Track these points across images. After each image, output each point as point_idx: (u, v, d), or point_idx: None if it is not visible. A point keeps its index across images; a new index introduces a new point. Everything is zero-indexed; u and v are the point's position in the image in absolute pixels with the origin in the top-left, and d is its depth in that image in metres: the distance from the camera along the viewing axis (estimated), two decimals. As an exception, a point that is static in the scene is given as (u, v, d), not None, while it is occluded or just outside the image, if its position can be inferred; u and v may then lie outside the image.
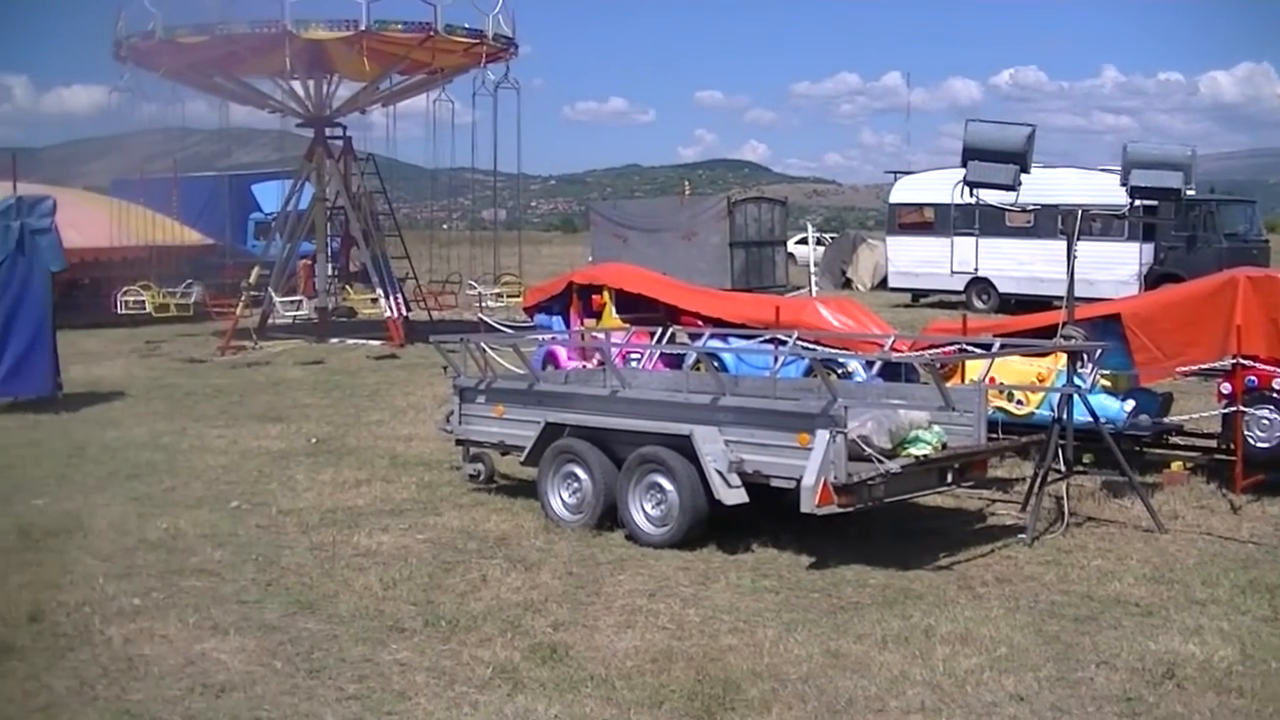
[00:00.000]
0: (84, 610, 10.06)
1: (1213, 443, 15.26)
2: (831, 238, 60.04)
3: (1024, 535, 12.12)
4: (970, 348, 14.84)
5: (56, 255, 20.73)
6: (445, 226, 45.21)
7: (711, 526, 11.83)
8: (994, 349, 14.13)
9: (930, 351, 14.96)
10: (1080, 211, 13.89)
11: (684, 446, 11.77)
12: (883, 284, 46.30)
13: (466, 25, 31.51)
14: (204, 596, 10.48)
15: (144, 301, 33.23)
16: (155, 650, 9.20)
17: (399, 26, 30.46)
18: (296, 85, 33.53)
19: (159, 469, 15.85)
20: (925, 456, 11.59)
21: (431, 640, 9.36)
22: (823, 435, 10.88)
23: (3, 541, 12.25)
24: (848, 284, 51.00)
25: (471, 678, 8.60)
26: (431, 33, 30.53)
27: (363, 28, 29.65)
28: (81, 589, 10.63)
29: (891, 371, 15.13)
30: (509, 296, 32.20)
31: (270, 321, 33.06)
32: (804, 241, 53.09)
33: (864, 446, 11.12)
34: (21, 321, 20.33)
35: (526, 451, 13.18)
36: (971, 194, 13.78)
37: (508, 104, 34.35)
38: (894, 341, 15.72)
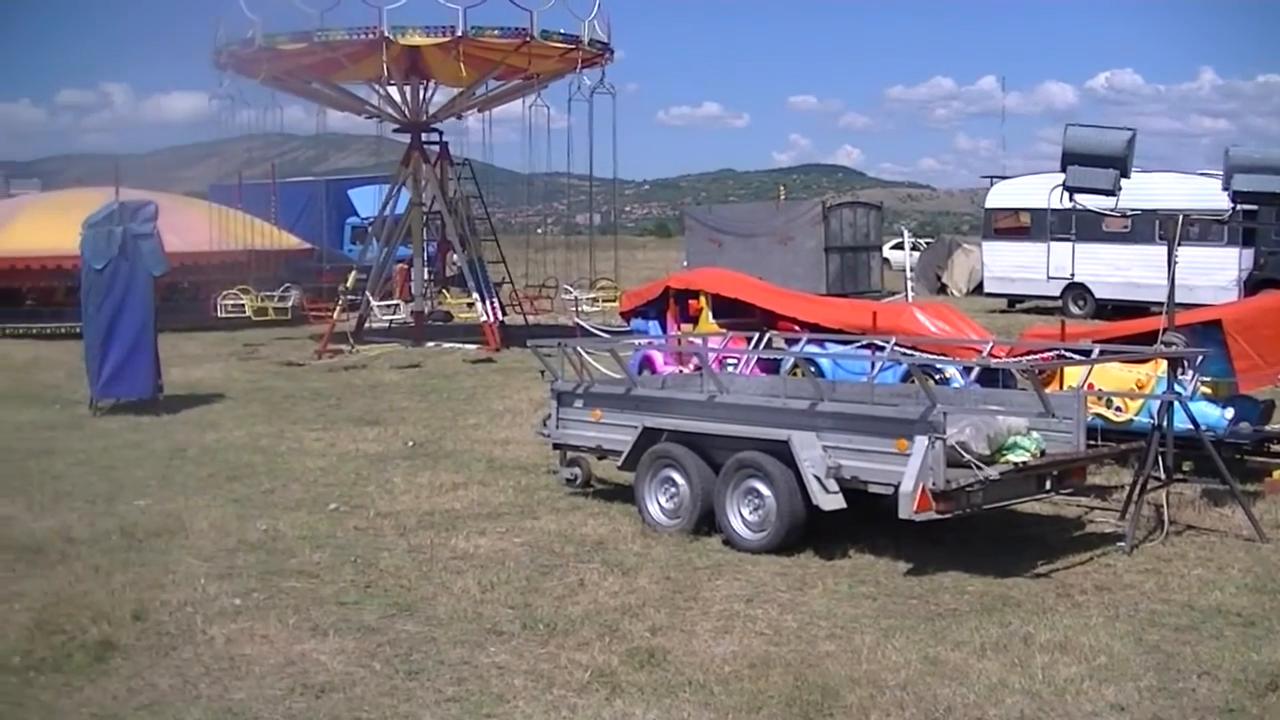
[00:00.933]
0: (186, 610, 10.17)
1: (1315, 451, 15.07)
2: (926, 243, 59.70)
3: (1123, 543, 11.99)
4: (1069, 354, 14.73)
5: (158, 259, 20.97)
6: (540, 231, 45.37)
7: (808, 532, 11.80)
8: (1093, 355, 14.02)
9: (1028, 357, 14.86)
10: (1181, 216, 13.73)
11: (782, 452, 11.73)
12: (978, 289, 46.03)
13: (562, 31, 31.56)
14: (303, 597, 10.56)
15: (243, 305, 33.51)
16: (256, 650, 9.29)
17: (495, 32, 30.57)
18: (393, 91, 33.75)
19: (258, 471, 16.00)
20: (1024, 463, 11.50)
21: (529, 643, 9.39)
22: (921, 441, 10.83)
23: (107, 541, 12.39)
24: (943, 289, 50.74)
25: (569, 681, 8.61)
26: (527, 38, 30.61)
27: (460, 33, 29.76)
28: (183, 589, 10.74)
29: (989, 377, 15.04)
30: (605, 301, 32.23)
31: (367, 325, 33.28)
32: (899, 246, 52.92)
33: (962, 453, 11.05)
34: (124, 325, 20.61)
35: (624, 456, 13.19)
36: (1070, 199, 13.65)
37: (603, 109, 34.37)
38: (992, 347, 15.62)
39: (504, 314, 33.53)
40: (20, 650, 9.21)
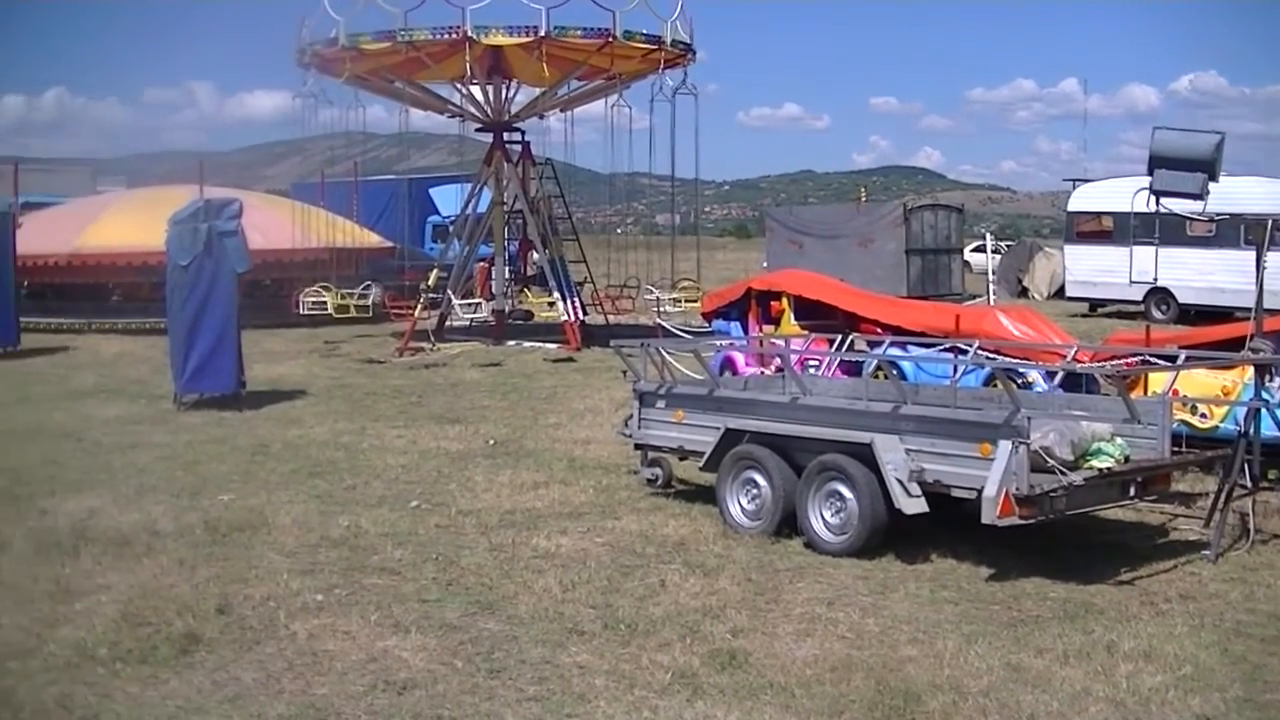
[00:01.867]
0: (269, 604, 10.25)
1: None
2: (1007, 246, 59.33)
3: (1208, 552, 11.85)
4: (1154, 359, 14.60)
5: (242, 256, 21.13)
6: (619, 231, 45.37)
7: (889, 535, 11.74)
8: (1178, 360, 13.88)
9: (1113, 362, 14.73)
10: (1270, 221, 13.57)
11: (864, 455, 11.69)
12: (1059, 293, 45.65)
13: (645, 31, 31.49)
14: (385, 594, 10.61)
15: (325, 302, 33.66)
16: (338, 646, 9.33)
17: (578, 32, 30.55)
18: (476, 90, 33.84)
19: (340, 467, 16.09)
20: (1108, 469, 11.39)
21: (610, 644, 9.39)
22: (1005, 446, 10.75)
23: (191, 535, 12.51)
24: (1024, 292, 50.39)
25: (651, 682, 8.60)
26: (610, 39, 30.59)
27: (542, 34, 29.78)
28: (267, 584, 10.82)
29: (1072, 382, 14.93)
30: (686, 301, 32.18)
31: (448, 323, 33.41)
32: (980, 249, 52.56)
33: (1046, 458, 10.97)
34: (208, 321, 20.78)
35: (706, 457, 13.18)
36: (1157, 203, 13.51)
37: (683, 109, 34.29)
38: (1076, 352, 15.49)
39: (585, 313, 33.56)
40: (107, 642, 9.32)
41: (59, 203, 46.57)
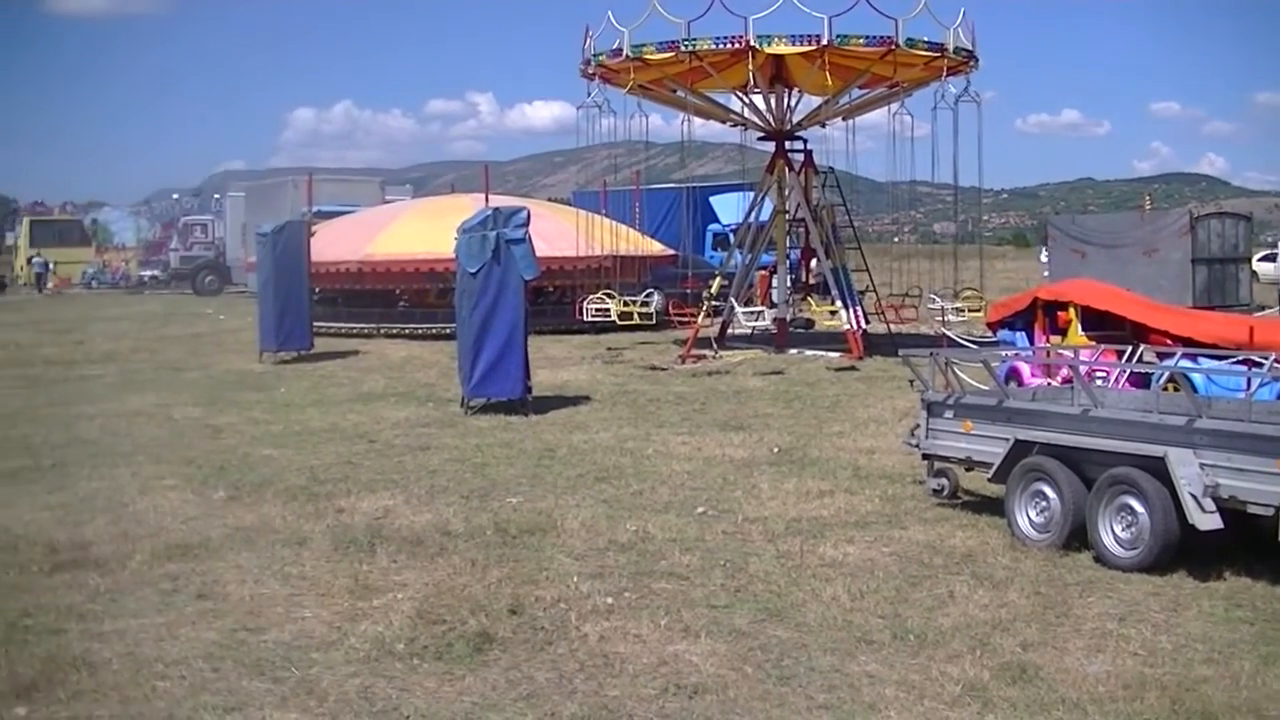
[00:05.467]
0: (560, 606, 10.42)
1: None
2: (1298, 255, 57.57)
3: None
4: None
5: (530, 264, 21.46)
6: (896, 239, 45.10)
7: (1180, 551, 11.46)
8: None
9: None
10: None
11: (1157, 468, 11.43)
12: (1352, 304, 44.15)
13: (927, 39, 31.22)
14: (674, 599, 10.70)
15: (608, 309, 33.94)
16: (629, 649, 9.45)
17: (860, 41, 30.32)
18: (758, 99, 33.91)
19: (625, 473, 16.24)
20: None
21: (900, 654, 9.34)
22: (1307, 462, 10.44)
23: (482, 536, 12.79)
24: (1313, 303, 48.86)
25: (940, 694, 8.54)
26: (893, 47, 30.35)
27: (825, 42, 29.71)
28: (557, 585, 10.99)
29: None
30: (970, 311, 31.82)
31: (730, 331, 33.52)
32: (1268, 258, 51.05)
33: (1348, 475, 10.62)
34: (496, 326, 21.19)
35: (994, 468, 13.03)
36: None
37: (964, 117, 33.88)
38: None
39: (867, 322, 33.43)
40: (405, 638, 9.60)
41: (350, 212, 47.91)
